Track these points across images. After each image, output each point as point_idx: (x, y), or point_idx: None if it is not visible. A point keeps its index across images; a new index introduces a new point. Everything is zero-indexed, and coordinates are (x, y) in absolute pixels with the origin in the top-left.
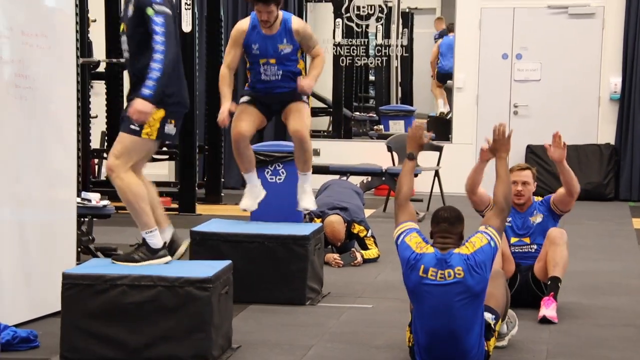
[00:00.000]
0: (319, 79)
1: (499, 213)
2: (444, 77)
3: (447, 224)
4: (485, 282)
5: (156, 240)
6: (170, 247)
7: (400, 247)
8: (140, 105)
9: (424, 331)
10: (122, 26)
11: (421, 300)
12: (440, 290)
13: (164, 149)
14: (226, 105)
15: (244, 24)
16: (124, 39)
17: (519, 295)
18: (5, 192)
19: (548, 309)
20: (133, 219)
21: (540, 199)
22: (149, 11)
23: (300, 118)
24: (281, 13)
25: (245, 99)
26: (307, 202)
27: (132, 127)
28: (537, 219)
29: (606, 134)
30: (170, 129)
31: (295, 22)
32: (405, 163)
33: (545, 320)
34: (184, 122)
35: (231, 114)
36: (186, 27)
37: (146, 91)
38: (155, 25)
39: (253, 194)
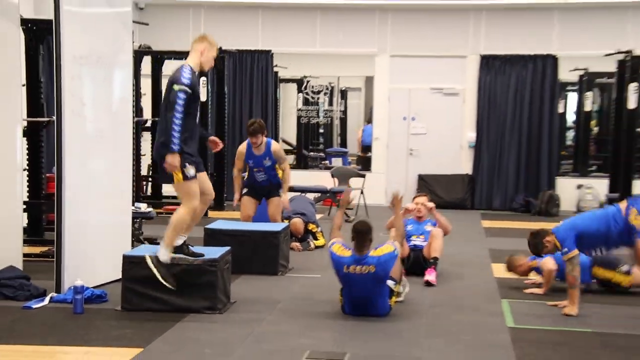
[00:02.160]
0: (289, 132)
1: (399, 240)
2: (365, 148)
3: (362, 235)
4: (387, 272)
5: None
6: None
7: (330, 252)
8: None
9: (349, 298)
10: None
11: (347, 284)
12: (360, 278)
13: None
14: (236, 195)
15: (243, 147)
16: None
17: (412, 267)
18: (90, 203)
19: (430, 276)
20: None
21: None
22: (175, 87)
23: (276, 210)
24: (265, 139)
25: (245, 191)
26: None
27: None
28: (429, 228)
29: (466, 168)
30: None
31: (274, 145)
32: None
33: (428, 284)
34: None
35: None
36: (203, 97)
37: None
38: (175, 98)
39: None
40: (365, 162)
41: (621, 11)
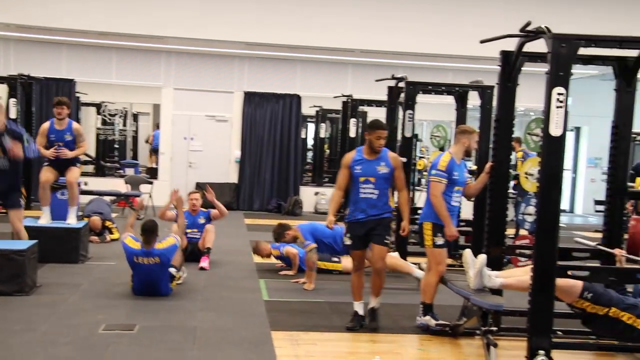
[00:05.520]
0: (89, 147)
1: (180, 233)
2: (154, 150)
3: (149, 232)
4: (170, 260)
5: None
6: None
7: (123, 243)
8: None
9: (138, 281)
10: None
11: (136, 270)
12: (147, 267)
13: None
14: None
15: (46, 124)
16: None
17: (190, 256)
18: None
19: (204, 263)
20: None
21: (205, 210)
22: None
23: (72, 175)
24: (68, 118)
25: (46, 163)
26: (71, 219)
27: None
28: (202, 220)
29: (233, 178)
30: None
31: (75, 124)
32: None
33: (202, 269)
34: None
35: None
36: (13, 115)
37: None
38: None
39: (47, 217)
40: (153, 172)
41: (344, 66)
